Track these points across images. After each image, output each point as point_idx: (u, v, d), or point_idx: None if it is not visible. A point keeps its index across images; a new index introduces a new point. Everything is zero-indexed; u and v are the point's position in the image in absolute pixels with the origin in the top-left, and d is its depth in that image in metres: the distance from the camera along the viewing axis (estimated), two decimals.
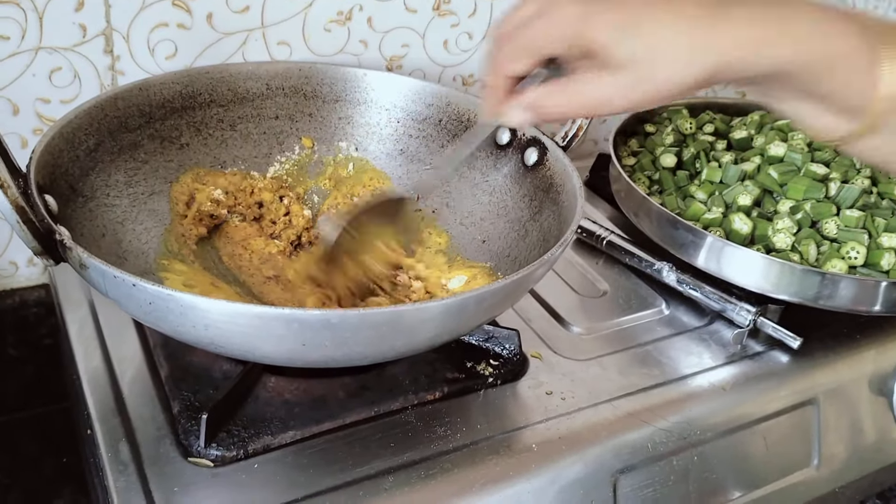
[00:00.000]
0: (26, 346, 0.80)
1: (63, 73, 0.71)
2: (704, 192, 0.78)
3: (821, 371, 0.70)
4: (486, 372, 0.63)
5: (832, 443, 0.70)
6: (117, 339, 0.64)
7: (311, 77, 0.76)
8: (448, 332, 0.53)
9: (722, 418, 0.64)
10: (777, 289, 0.69)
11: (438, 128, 0.75)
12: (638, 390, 0.64)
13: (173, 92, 0.70)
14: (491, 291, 0.50)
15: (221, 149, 0.73)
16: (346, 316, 0.46)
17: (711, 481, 0.63)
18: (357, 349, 0.49)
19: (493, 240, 0.70)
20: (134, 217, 0.65)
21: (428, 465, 0.55)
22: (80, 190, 0.60)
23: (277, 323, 0.45)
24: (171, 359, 0.60)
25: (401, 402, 0.59)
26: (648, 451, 0.60)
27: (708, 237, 0.70)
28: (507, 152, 0.72)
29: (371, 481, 0.53)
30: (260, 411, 0.57)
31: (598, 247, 0.81)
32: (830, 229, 0.73)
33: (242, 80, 0.74)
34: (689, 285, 0.74)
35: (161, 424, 0.56)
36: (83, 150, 0.62)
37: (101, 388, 0.59)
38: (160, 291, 0.45)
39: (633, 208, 0.79)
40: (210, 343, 0.48)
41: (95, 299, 0.67)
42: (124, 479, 0.52)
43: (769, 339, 0.71)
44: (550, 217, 0.64)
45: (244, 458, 0.54)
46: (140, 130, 0.67)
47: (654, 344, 0.70)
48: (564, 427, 0.60)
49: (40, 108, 0.71)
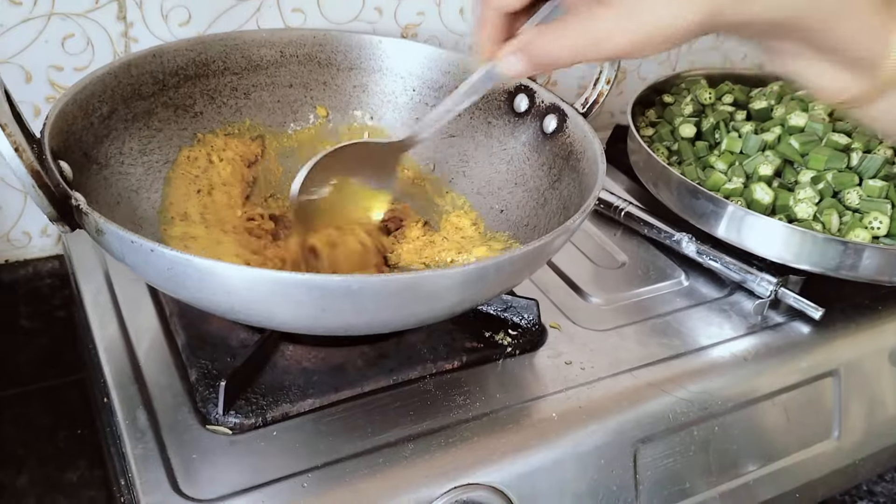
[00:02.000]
0: (40, 317, 0.80)
1: (76, 40, 0.70)
2: (724, 162, 0.77)
3: (842, 342, 0.70)
4: (504, 342, 0.62)
5: (853, 415, 0.69)
6: (133, 308, 0.63)
7: (325, 44, 0.75)
8: (468, 300, 0.52)
9: (742, 389, 0.64)
10: (798, 259, 0.68)
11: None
12: (658, 360, 0.64)
13: (187, 59, 0.69)
14: (510, 259, 0.49)
15: (235, 117, 0.72)
16: (367, 282, 0.45)
17: (732, 452, 0.63)
18: (378, 316, 0.48)
19: (511, 209, 0.69)
20: (149, 185, 0.64)
21: (448, 434, 0.54)
22: (94, 157, 0.60)
23: (297, 289, 0.45)
24: (187, 328, 0.60)
25: (419, 371, 0.59)
26: (669, 420, 0.60)
27: (729, 206, 0.69)
28: (524, 120, 0.71)
29: (391, 449, 0.53)
30: (278, 379, 0.56)
31: (617, 218, 0.80)
32: (853, 199, 0.72)
33: (256, 48, 0.73)
34: (708, 256, 0.73)
35: (178, 392, 0.55)
36: (97, 118, 0.61)
37: (117, 356, 0.59)
38: (179, 256, 0.44)
39: (652, 178, 0.78)
40: (229, 309, 0.48)
41: (111, 269, 0.67)
42: (142, 446, 0.51)
43: (790, 310, 0.70)
44: (570, 185, 0.63)
45: (262, 426, 0.53)
46: (153, 98, 0.67)
47: (673, 315, 0.69)
48: (584, 396, 0.59)
49: (53, 75, 0.70)
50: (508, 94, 0.72)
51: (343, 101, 0.77)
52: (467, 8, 0.86)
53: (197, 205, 0.66)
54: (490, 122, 0.73)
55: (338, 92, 0.76)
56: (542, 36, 0.44)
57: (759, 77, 0.95)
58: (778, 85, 0.88)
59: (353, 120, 0.76)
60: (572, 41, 0.43)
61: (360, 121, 0.76)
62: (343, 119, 0.76)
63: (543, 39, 0.44)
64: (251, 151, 0.72)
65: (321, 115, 0.76)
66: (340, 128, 0.76)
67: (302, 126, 0.75)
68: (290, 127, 0.75)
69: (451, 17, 0.86)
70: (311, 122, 0.76)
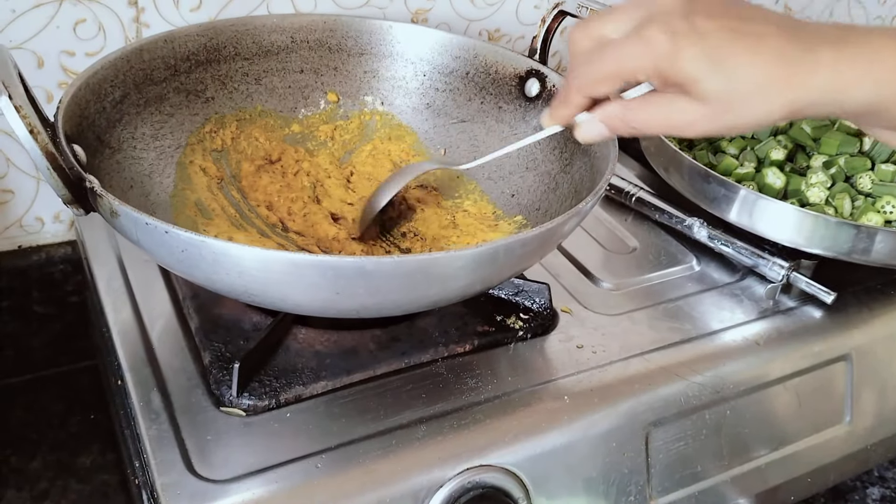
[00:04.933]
0: (53, 303, 0.80)
1: (87, 25, 0.70)
2: (736, 147, 0.77)
3: (854, 327, 0.69)
4: (515, 325, 0.62)
5: (865, 399, 0.69)
6: (146, 292, 0.63)
7: (335, 30, 0.75)
8: (480, 282, 0.52)
9: (754, 373, 0.64)
10: (810, 243, 0.68)
11: (465, 80, 0.74)
12: (669, 344, 0.64)
13: (198, 44, 0.69)
14: (521, 241, 0.49)
15: (247, 102, 0.72)
16: (380, 263, 0.45)
17: (743, 436, 0.63)
18: (390, 297, 0.48)
19: (523, 193, 0.69)
20: (161, 170, 0.65)
21: (460, 416, 0.54)
22: (107, 141, 0.60)
23: (312, 270, 0.45)
24: (200, 311, 0.60)
25: (431, 354, 0.59)
26: (681, 404, 0.60)
27: (741, 190, 0.69)
28: (536, 104, 0.71)
29: (403, 431, 0.53)
30: (291, 362, 0.56)
31: (627, 203, 0.80)
32: (865, 184, 0.72)
33: (267, 33, 0.73)
34: (720, 241, 0.73)
35: (192, 375, 0.56)
36: (109, 102, 0.61)
37: (131, 339, 0.59)
38: (193, 238, 0.44)
39: (663, 163, 0.78)
40: (244, 291, 0.48)
41: (123, 253, 0.67)
42: (156, 427, 0.52)
43: (802, 295, 0.70)
44: (582, 169, 0.63)
45: (276, 408, 0.53)
46: (165, 83, 0.67)
47: (685, 299, 0.69)
48: (596, 380, 0.59)
49: (65, 60, 0.70)
50: (520, 79, 0.71)
51: (354, 86, 0.76)
52: None
53: (210, 198, 0.66)
54: (501, 107, 0.73)
55: (348, 77, 0.76)
56: (631, 112, 0.47)
57: None
58: None
59: (363, 105, 0.76)
60: (660, 123, 0.47)
61: (370, 106, 0.76)
62: (354, 104, 0.76)
63: (632, 116, 0.47)
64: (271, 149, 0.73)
65: (332, 101, 0.76)
66: (351, 113, 0.76)
67: (312, 111, 0.76)
68: (301, 112, 0.75)
69: (462, 3, 0.86)
70: (322, 108, 0.76)
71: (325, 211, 0.68)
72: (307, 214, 0.67)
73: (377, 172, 0.73)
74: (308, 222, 0.67)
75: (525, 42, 0.92)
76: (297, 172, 0.71)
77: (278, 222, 0.67)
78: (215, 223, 0.63)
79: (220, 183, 0.68)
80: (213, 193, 0.66)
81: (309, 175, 0.71)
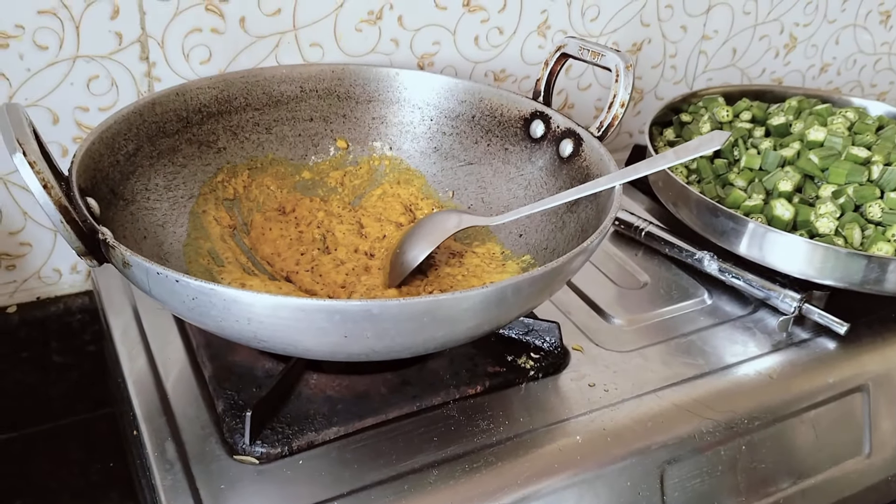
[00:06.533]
0: (71, 352, 0.81)
1: (100, 81, 0.72)
2: (744, 179, 0.77)
3: (869, 357, 0.69)
4: (527, 365, 0.62)
5: (883, 430, 0.68)
6: (161, 341, 0.64)
7: (343, 78, 0.76)
8: (488, 322, 0.52)
9: (769, 407, 0.63)
10: (822, 274, 0.68)
11: (472, 124, 0.75)
12: (682, 380, 0.63)
13: (209, 97, 0.70)
14: (529, 280, 0.49)
15: (258, 151, 0.74)
16: (386, 306, 0.45)
17: (760, 471, 0.62)
18: (398, 340, 0.48)
19: (531, 233, 0.70)
20: (174, 220, 0.66)
21: (472, 459, 0.54)
22: (120, 193, 0.61)
23: (319, 315, 0.45)
24: (214, 359, 0.61)
25: (442, 397, 0.59)
26: (695, 441, 0.59)
27: (750, 223, 0.69)
28: (541, 145, 0.71)
29: (416, 475, 0.53)
30: (303, 408, 0.57)
31: (637, 238, 0.80)
32: (875, 213, 0.72)
33: (276, 84, 0.74)
34: (731, 274, 0.73)
35: (206, 423, 0.56)
36: (123, 155, 0.62)
37: (146, 389, 0.60)
38: (203, 286, 0.45)
39: (671, 198, 0.78)
40: (253, 337, 0.48)
41: (139, 303, 0.68)
42: (171, 477, 0.52)
43: (815, 326, 0.70)
44: (588, 207, 0.64)
45: (289, 455, 0.54)
46: (178, 135, 0.68)
47: (697, 334, 0.69)
48: (609, 419, 0.59)
49: (79, 116, 0.72)
50: (525, 121, 0.72)
51: (362, 132, 0.78)
52: (482, 36, 0.87)
53: (223, 247, 0.67)
54: (507, 149, 0.74)
55: (357, 124, 0.78)
56: None
57: (777, 92, 0.95)
58: (796, 100, 0.88)
59: (372, 151, 0.78)
60: None
61: (379, 151, 0.78)
62: (363, 150, 0.78)
63: None
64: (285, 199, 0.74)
65: (341, 147, 0.77)
66: (360, 158, 0.77)
67: (322, 158, 0.77)
68: (311, 159, 0.76)
69: (467, 46, 0.87)
70: (332, 154, 0.77)
71: (337, 260, 0.69)
72: (315, 266, 0.68)
73: (388, 215, 0.74)
74: (316, 273, 0.67)
75: (530, 82, 0.93)
76: (311, 223, 0.72)
77: (283, 276, 0.67)
78: (228, 270, 0.64)
79: (232, 231, 0.69)
80: (225, 242, 0.67)
81: (320, 227, 0.72)
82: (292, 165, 0.75)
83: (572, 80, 0.97)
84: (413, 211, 0.75)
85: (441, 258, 0.69)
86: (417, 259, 0.65)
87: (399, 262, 0.66)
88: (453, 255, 0.70)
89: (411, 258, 0.65)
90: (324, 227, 0.72)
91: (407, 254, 0.66)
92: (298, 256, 0.68)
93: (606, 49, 0.67)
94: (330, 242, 0.71)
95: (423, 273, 0.67)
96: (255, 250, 0.69)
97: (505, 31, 0.88)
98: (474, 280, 0.66)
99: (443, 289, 0.65)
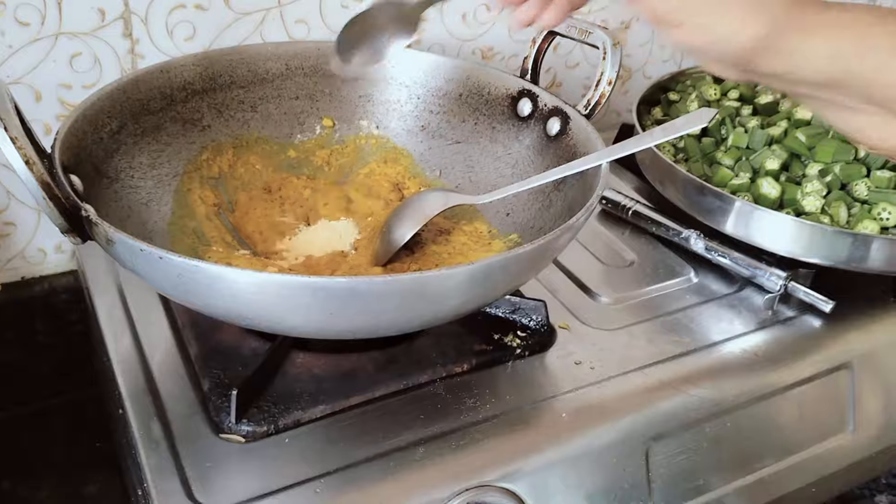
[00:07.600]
0: (56, 332, 0.81)
1: (83, 59, 0.71)
2: (731, 157, 0.77)
3: (854, 335, 0.69)
4: (513, 343, 0.62)
5: (868, 407, 0.69)
6: (146, 321, 0.64)
7: (329, 55, 0.76)
8: (474, 300, 0.52)
9: (754, 384, 0.64)
10: (808, 252, 0.68)
11: (459, 102, 0.75)
12: (668, 358, 0.64)
13: (193, 74, 0.70)
14: (515, 257, 0.49)
15: (243, 130, 0.73)
16: (372, 283, 0.45)
17: (745, 448, 0.63)
18: (384, 317, 0.48)
19: (518, 212, 0.69)
20: (159, 198, 0.65)
21: (458, 436, 0.55)
22: (104, 171, 0.61)
23: (304, 291, 0.45)
24: (200, 338, 0.60)
25: (429, 375, 0.59)
26: (680, 418, 0.60)
27: (736, 202, 0.69)
28: (528, 123, 0.71)
29: (402, 453, 0.53)
30: (289, 387, 0.57)
31: (624, 217, 0.80)
32: (861, 191, 0.72)
33: (262, 61, 0.74)
34: (717, 252, 0.73)
35: (191, 402, 0.56)
36: (106, 133, 0.62)
37: (131, 368, 0.59)
38: (187, 263, 0.45)
39: (658, 177, 0.78)
40: (238, 315, 0.48)
41: (124, 283, 0.68)
42: (156, 455, 0.52)
43: (801, 304, 0.70)
44: (575, 186, 0.64)
45: (275, 433, 0.54)
46: (162, 113, 0.68)
47: (683, 312, 0.69)
48: (595, 396, 0.59)
49: (62, 93, 0.71)
50: (512, 99, 0.72)
51: (349, 111, 0.77)
52: (469, 14, 0.86)
53: (209, 226, 0.67)
54: (494, 128, 0.73)
55: (343, 102, 0.77)
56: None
57: None
58: None
59: (359, 129, 0.77)
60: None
61: (365, 130, 0.77)
62: (349, 129, 0.77)
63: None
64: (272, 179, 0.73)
65: (327, 126, 0.77)
66: (347, 137, 0.77)
67: (308, 137, 0.76)
68: (297, 138, 0.76)
69: (454, 23, 0.86)
70: (318, 133, 0.76)
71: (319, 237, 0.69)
72: (296, 244, 0.68)
73: (377, 192, 0.74)
74: (297, 252, 0.67)
75: (518, 60, 0.92)
76: (295, 202, 0.72)
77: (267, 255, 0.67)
78: (214, 249, 0.64)
79: (218, 210, 0.69)
80: (211, 221, 0.67)
81: (303, 207, 0.72)
82: (278, 144, 0.75)
83: (560, 59, 0.96)
84: (401, 190, 0.75)
85: (428, 235, 0.69)
86: (404, 238, 0.65)
87: (385, 240, 0.66)
88: (441, 232, 0.69)
89: (398, 237, 0.65)
90: (307, 205, 0.72)
91: (393, 233, 0.66)
92: (282, 236, 0.68)
93: (594, 27, 0.67)
94: (314, 221, 0.70)
95: (410, 250, 0.67)
96: (240, 229, 0.68)
97: (492, 9, 0.88)
98: (460, 258, 0.65)
99: (429, 267, 0.65)
